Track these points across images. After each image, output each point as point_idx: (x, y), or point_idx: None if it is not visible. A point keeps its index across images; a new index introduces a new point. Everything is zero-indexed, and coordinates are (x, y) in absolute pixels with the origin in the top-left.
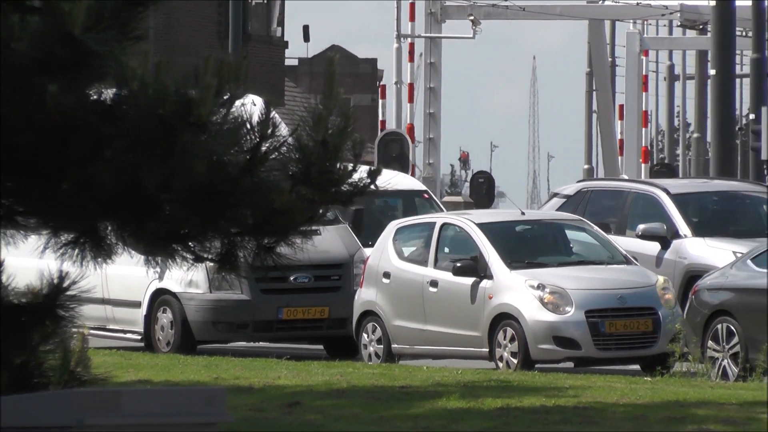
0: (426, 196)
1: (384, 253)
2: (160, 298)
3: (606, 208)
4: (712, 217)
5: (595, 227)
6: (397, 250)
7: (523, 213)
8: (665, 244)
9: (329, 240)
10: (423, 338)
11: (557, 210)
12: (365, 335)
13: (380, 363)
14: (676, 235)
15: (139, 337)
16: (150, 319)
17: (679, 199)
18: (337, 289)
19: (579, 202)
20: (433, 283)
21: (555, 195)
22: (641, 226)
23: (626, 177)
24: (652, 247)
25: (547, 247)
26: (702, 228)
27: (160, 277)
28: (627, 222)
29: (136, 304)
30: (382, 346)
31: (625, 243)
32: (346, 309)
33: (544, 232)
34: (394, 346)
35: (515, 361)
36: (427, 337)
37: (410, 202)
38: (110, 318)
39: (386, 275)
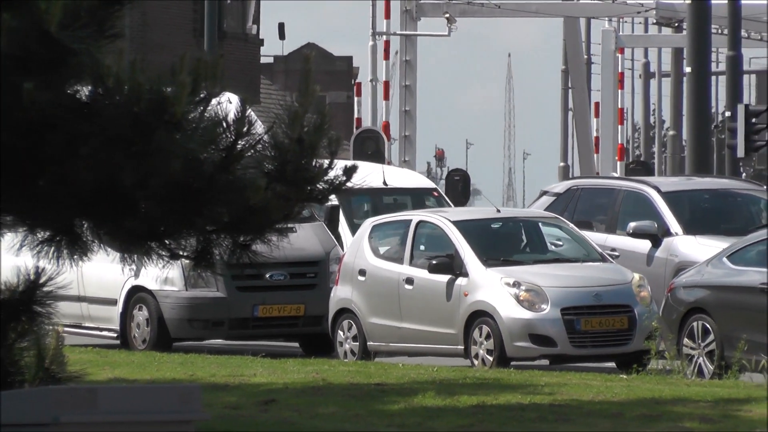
0: (436, 194)
1: (360, 251)
2: (136, 295)
3: (596, 206)
4: (703, 215)
5: (571, 225)
6: (373, 248)
7: (498, 211)
8: (656, 242)
9: (305, 237)
10: (398, 336)
11: (547, 208)
12: (341, 333)
13: (356, 360)
14: (667, 233)
15: (115, 335)
16: (126, 316)
17: (670, 197)
18: (313, 287)
19: (569, 201)
20: (409, 281)
21: (545, 193)
22: (632, 224)
23: (616, 175)
24: (643, 245)
25: (522, 244)
26: (693, 226)
27: (136, 275)
28: (618, 220)
29: (112, 302)
30: (357, 344)
31: (615, 241)
32: (322, 306)
33: (520, 230)
34: (369, 343)
35: (491, 358)
36: (403, 334)
37: (419, 200)
38: (86, 315)
39: (362, 273)
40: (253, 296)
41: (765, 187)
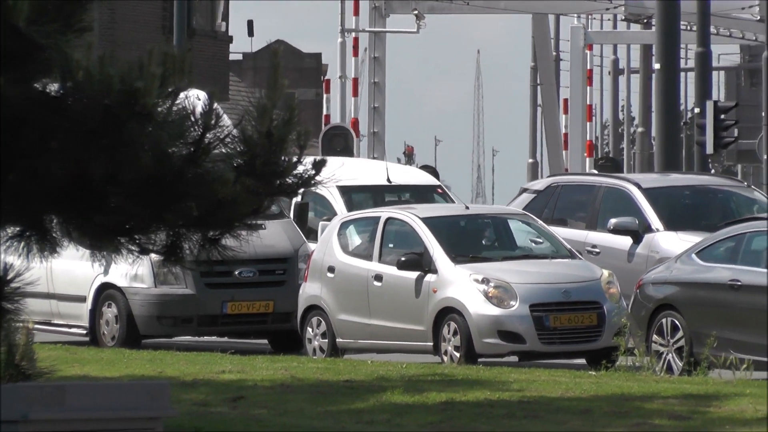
0: (440, 190)
1: (328, 248)
2: (106, 292)
3: (576, 203)
4: (684, 212)
5: (540, 221)
6: (342, 245)
7: (467, 207)
8: (637, 239)
9: (274, 234)
10: (367, 332)
11: (527, 205)
12: (310, 329)
13: (325, 357)
14: (648, 229)
15: (84, 332)
16: (95, 313)
17: (650, 193)
18: (282, 284)
19: (549, 197)
20: (378, 278)
21: (525, 190)
22: (613, 221)
23: (596, 172)
24: (624, 242)
25: (491, 241)
26: (674, 222)
27: (105, 272)
28: (598, 217)
29: (82, 299)
30: (326, 341)
31: (596, 238)
32: (291, 303)
33: (489, 227)
34: (338, 340)
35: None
36: (372, 331)
37: (423, 197)
38: (55, 313)
39: (331, 269)
40: (222, 293)
41: (746, 183)
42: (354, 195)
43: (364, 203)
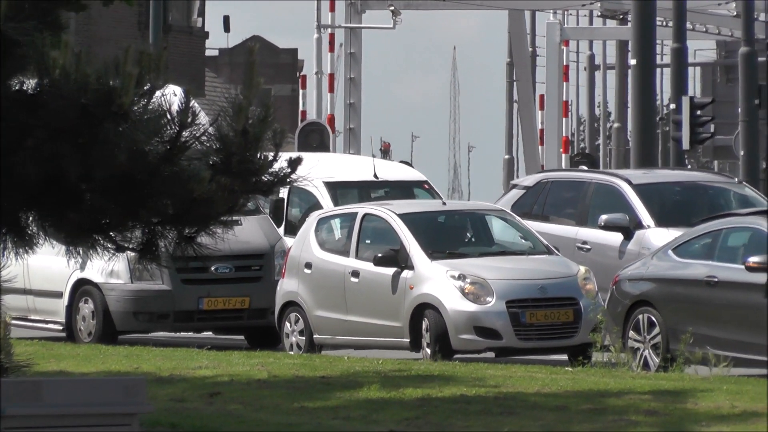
0: (426, 186)
1: (306, 244)
2: (82, 288)
3: (566, 200)
4: (675, 208)
5: (517, 217)
6: (319, 241)
7: (444, 203)
8: (628, 235)
9: (250, 230)
10: (344, 329)
11: (516, 201)
12: (288, 325)
13: (302, 353)
14: (639, 225)
15: (61, 328)
16: (72, 309)
17: (641, 189)
18: (258, 280)
19: (539, 193)
20: (355, 274)
21: (514, 186)
22: (604, 217)
23: (585, 168)
24: (615, 238)
25: (468, 237)
26: (665, 218)
27: (82, 268)
28: (588, 213)
29: (58, 295)
30: (304, 337)
31: (586, 234)
32: (267, 299)
33: (466, 223)
34: (315, 336)
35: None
36: (349, 327)
37: (409, 193)
38: (32, 308)
39: (308, 266)
40: (198, 289)
41: (736, 179)
42: (341, 190)
43: (351, 199)
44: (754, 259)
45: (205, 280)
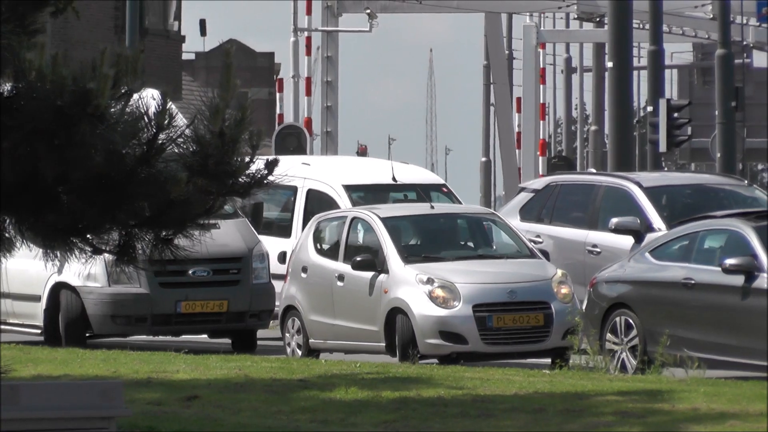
0: (445, 189)
1: (303, 247)
2: (60, 291)
3: (576, 203)
4: (685, 210)
5: (505, 220)
6: (315, 245)
7: (432, 207)
8: (639, 238)
9: (228, 233)
10: (333, 333)
11: (525, 205)
12: (288, 329)
13: (301, 357)
14: (650, 228)
15: (39, 331)
16: (50, 312)
17: (651, 192)
18: (236, 283)
19: (548, 197)
20: (341, 278)
21: (522, 189)
22: (614, 220)
23: (594, 171)
24: (626, 241)
25: (450, 241)
26: (675, 221)
27: (59, 271)
28: (599, 216)
29: (36, 298)
30: (302, 341)
31: (596, 237)
32: (245, 303)
33: (451, 227)
34: (311, 341)
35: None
36: (336, 331)
37: (427, 196)
38: (10, 312)
39: (304, 269)
40: (176, 292)
41: (746, 182)
42: (359, 194)
43: (369, 202)
44: (731, 261)
45: (183, 283)
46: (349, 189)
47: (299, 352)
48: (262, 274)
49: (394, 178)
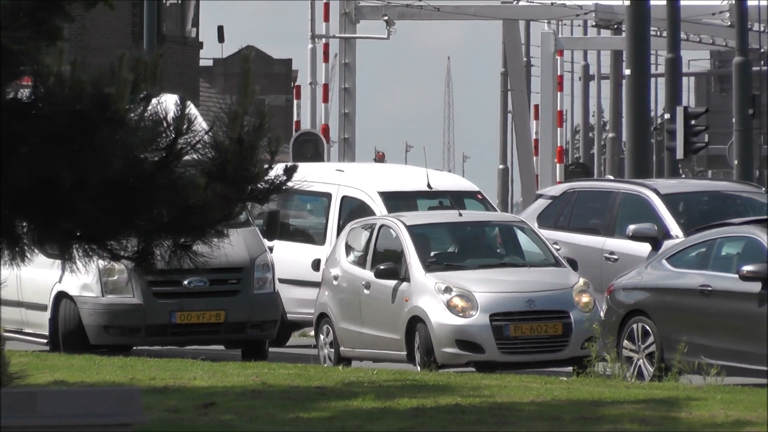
0: (480, 197)
1: (336, 255)
2: (62, 301)
3: (593, 210)
4: (703, 217)
5: (534, 227)
6: (347, 252)
7: (460, 215)
8: (656, 245)
9: (231, 243)
10: (360, 341)
11: (542, 212)
12: (321, 337)
13: (333, 366)
14: (667, 235)
15: (45, 341)
16: (55, 322)
17: (669, 199)
18: (235, 293)
19: (565, 204)
20: (367, 285)
21: (540, 196)
22: (632, 227)
23: (611, 177)
24: (643, 248)
25: (476, 249)
26: (692, 228)
27: (60, 280)
28: (616, 223)
29: (44, 308)
30: (333, 349)
31: (614, 244)
32: (245, 313)
33: (478, 235)
34: (342, 348)
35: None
36: (363, 339)
37: (462, 203)
38: (24, 321)
39: (336, 277)
40: (170, 303)
41: (764, 189)
42: (395, 201)
43: (405, 209)
44: (748, 268)
45: (178, 293)
46: (384, 196)
47: (330, 362)
48: (266, 284)
49: (429, 185)
